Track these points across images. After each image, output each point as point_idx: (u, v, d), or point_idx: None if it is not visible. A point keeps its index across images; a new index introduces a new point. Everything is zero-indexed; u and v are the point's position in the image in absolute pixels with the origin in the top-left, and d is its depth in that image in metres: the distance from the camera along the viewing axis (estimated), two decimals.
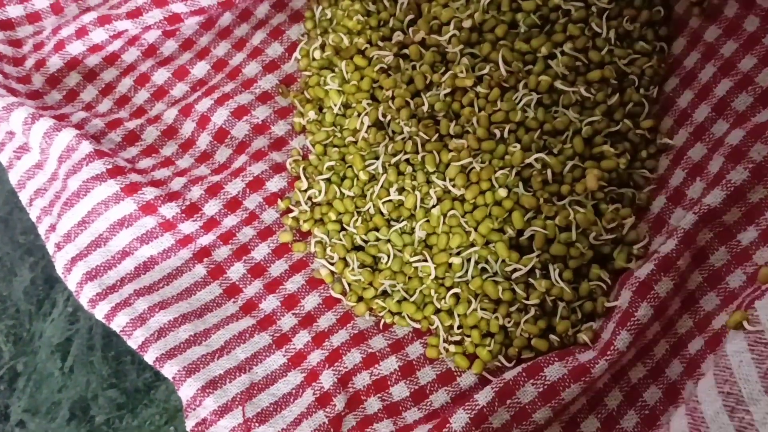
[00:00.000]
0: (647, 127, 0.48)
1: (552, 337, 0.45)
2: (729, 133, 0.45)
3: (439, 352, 0.46)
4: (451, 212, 0.46)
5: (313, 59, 0.52)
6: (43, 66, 0.54)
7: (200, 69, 0.54)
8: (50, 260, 0.49)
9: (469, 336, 0.46)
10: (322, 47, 0.52)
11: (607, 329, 0.44)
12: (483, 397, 0.41)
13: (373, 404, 0.45)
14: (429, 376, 0.46)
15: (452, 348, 0.46)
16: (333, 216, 0.48)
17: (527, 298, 0.45)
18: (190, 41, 0.55)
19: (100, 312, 0.46)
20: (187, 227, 0.48)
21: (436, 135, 0.47)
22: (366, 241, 0.48)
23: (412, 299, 0.47)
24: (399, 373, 0.46)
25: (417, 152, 0.47)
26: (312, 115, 0.51)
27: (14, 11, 0.56)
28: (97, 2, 0.56)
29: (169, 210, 0.48)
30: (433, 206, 0.46)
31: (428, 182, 0.47)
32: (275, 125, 0.52)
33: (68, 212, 0.48)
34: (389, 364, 0.46)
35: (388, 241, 0.47)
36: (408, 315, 0.47)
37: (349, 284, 0.48)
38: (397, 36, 0.50)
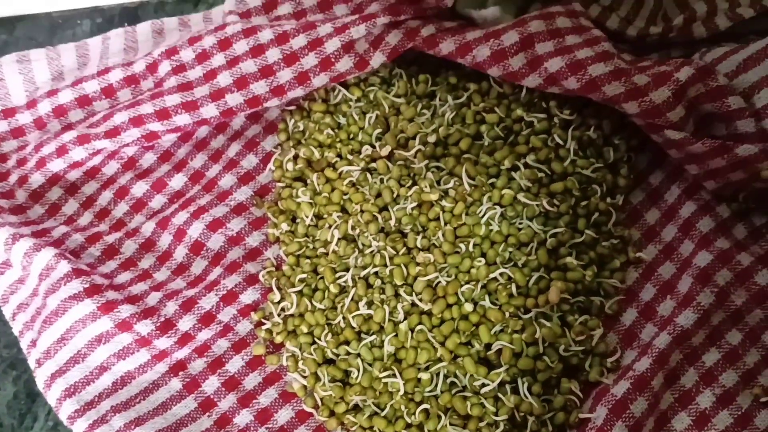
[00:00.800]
0: (615, 229, 0.49)
1: None
2: (696, 254, 0.46)
3: None
4: (419, 327, 0.47)
5: (286, 170, 0.54)
6: (26, 182, 0.56)
7: (177, 181, 0.56)
8: (32, 374, 0.50)
9: None
10: (295, 159, 0.54)
11: None
12: None
13: None
14: None
15: None
16: (305, 328, 0.50)
17: (497, 413, 0.46)
18: (168, 153, 0.57)
19: (78, 429, 0.48)
20: (162, 343, 0.50)
21: (404, 248, 0.48)
22: (337, 355, 0.49)
23: (383, 414, 0.47)
24: None
25: (385, 265, 0.48)
26: (285, 226, 0.52)
27: None
28: (78, 119, 0.58)
29: (144, 327, 0.49)
30: (401, 321, 0.47)
31: (396, 296, 0.48)
32: (249, 236, 0.53)
33: (48, 330, 0.50)
34: None
35: (358, 355, 0.48)
36: (379, 429, 0.47)
37: (321, 398, 0.49)
38: (366, 150, 0.52)
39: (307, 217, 0.52)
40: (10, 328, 0.53)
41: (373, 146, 0.52)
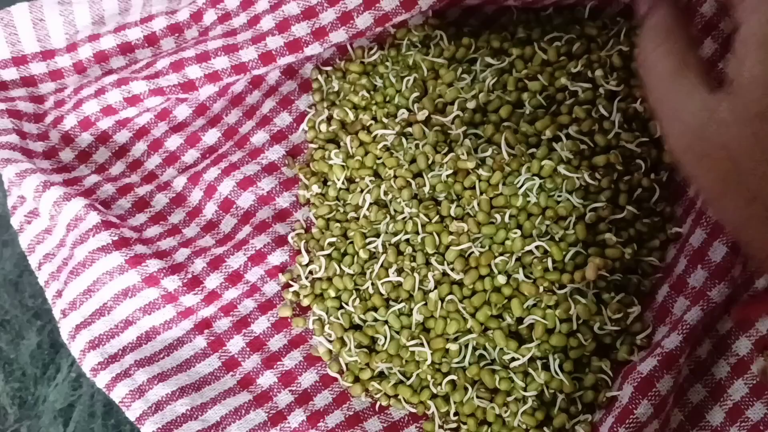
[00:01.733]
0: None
1: (547, 430, 0.45)
2: None
3: None
4: (449, 297, 0.47)
5: (320, 132, 0.53)
6: (60, 123, 0.56)
7: (211, 136, 0.56)
8: (56, 325, 0.50)
9: (465, 423, 0.46)
10: (329, 120, 0.53)
11: (605, 423, 0.44)
12: None
13: None
14: None
15: None
16: (332, 293, 0.49)
17: (525, 389, 0.45)
18: (204, 107, 0.57)
19: (101, 381, 0.48)
20: (189, 300, 0.50)
21: (437, 216, 0.48)
22: (364, 321, 0.48)
23: (408, 383, 0.47)
24: None
25: (417, 233, 0.48)
26: (316, 188, 0.52)
27: (37, 68, 0.58)
28: (120, 65, 0.58)
29: (171, 283, 0.49)
30: (431, 290, 0.47)
31: (427, 264, 0.47)
32: (280, 197, 0.53)
33: (74, 281, 0.50)
34: None
35: (386, 322, 0.47)
36: (404, 398, 0.47)
37: (346, 364, 0.48)
38: (402, 114, 0.51)
39: (338, 180, 0.51)
40: (35, 277, 0.53)
41: (410, 110, 0.51)
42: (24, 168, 0.52)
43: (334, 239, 0.50)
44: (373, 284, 0.48)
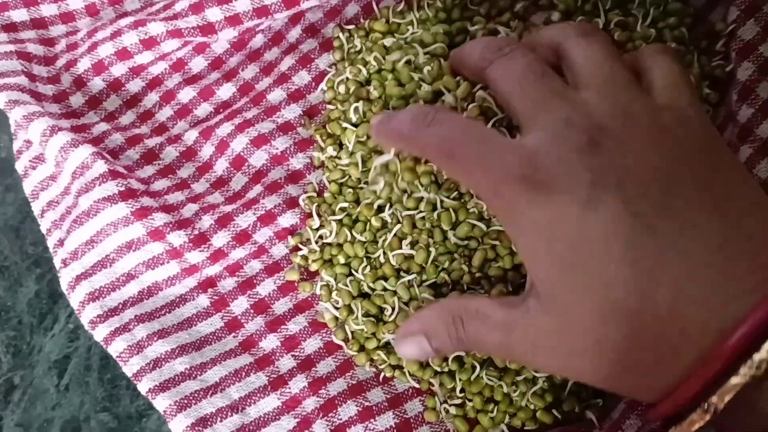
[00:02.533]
0: None
1: (556, 412, 0.44)
2: None
3: (438, 415, 0.46)
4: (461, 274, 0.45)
5: (338, 93, 0.52)
6: (74, 66, 0.55)
7: (226, 91, 0.54)
8: (56, 274, 0.49)
9: (471, 401, 0.45)
10: (348, 80, 0.52)
11: (617, 408, 0.43)
12: None
13: None
14: None
15: (453, 410, 0.46)
16: (342, 259, 0.48)
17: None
18: (220, 60, 0.55)
19: (99, 334, 0.48)
20: (194, 257, 0.49)
21: (456, 193, 0.46)
22: (373, 290, 0.47)
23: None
24: (395, 430, 0.46)
25: (433, 209, 0.46)
26: (331, 151, 0.51)
27: (48, 10, 0.57)
28: (134, 8, 0.56)
29: (177, 238, 0.48)
30: (445, 267, 0.46)
31: (444, 240, 0.46)
32: (294, 157, 0.52)
33: (77, 230, 0.49)
34: (385, 420, 0.46)
35: (395, 293, 0.46)
36: (410, 372, 0.46)
37: (352, 332, 0.47)
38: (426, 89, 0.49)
39: (350, 143, 0.50)
40: (38, 224, 0.52)
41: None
42: (32, 111, 0.51)
43: (346, 204, 0.49)
44: (384, 253, 0.47)
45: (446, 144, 0.37)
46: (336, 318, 0.48)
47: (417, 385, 0.47)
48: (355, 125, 0.50)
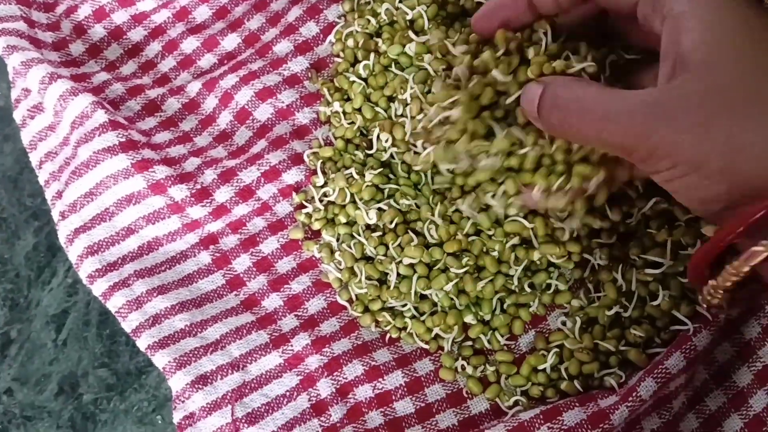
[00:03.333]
0: None
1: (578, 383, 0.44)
2: None
3: (455, 373, 0.45)
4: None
5: (347, 45, 0.50)
6: (74, 12, 0.54)
7: (231, 41, 0.53)
8: (55, 227, 0.48)
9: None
10: (358, 33, 0.50)
11: (634, 375, 0.43)
12: None
13: (374, 418, 0.45)
14: (438, 395, 0.46)
15: (469, 369, 0.45)
16: (343, 219, 0.47)
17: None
18: (225, 9, 0.54)
19: (97, 289, 0.47)
20: (196, 212, 0.48)
21: None
22: (376, 254, 0.46)
23: (422, 318, 0.45)
24: (405, 389, 0.46)
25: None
26: (337, 106, 0.49)
27: None
28: None
29: (178, 192, 0.48)
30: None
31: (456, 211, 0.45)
32: (300, 112, 0.51)
33: (76, 182, 0.48)
34: (394, 379, 0.46)
35: (394, 259, 0.45)
36: (416, 333, 0.45)
37: (356, 294, 0.47)
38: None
39: (356, 98, 0.49)
40: (36, 175, 0.51)
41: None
42: (30, 57, 0.50)
43: (351, 164, 0.48)
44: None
45: None
46: (340, 279, 0.47)
47: (426, 346, 0.46)
48: (364, 79, 0.49)
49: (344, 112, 0.49)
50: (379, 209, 0.46)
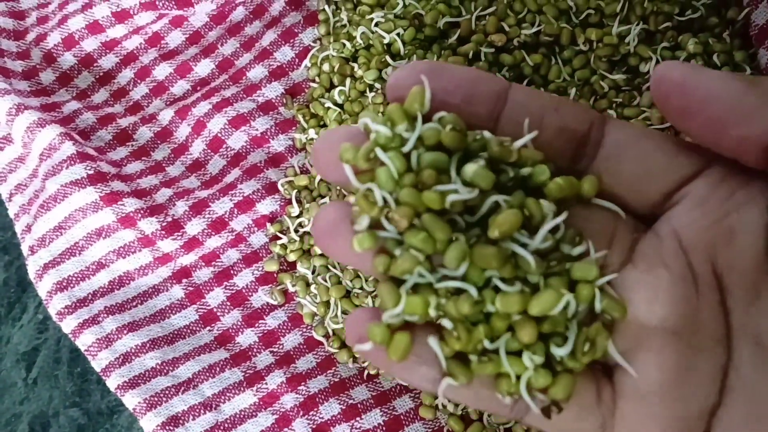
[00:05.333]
0: None
1: None
2: None
3: (435, 412, 0.44)
4: None
5: (322, 70, 0.49)
6: (44, 40, 0.53)
7: (204, 67, 0.53)
8: (25, 261, 0.48)
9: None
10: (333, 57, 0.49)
11: None
12: None
13: None
14: None
15: (450, 407, 0.44)
16: (320, 250, 0.46)
17: None
18: (198, 34, 0.54)
19: (67, 326, 0.46)
20: (167, 245, 0.47)
21: None
22: (352, 287, 0.45)
23: None
24: (383, 428, 0.44)
25: None
26: (313, 132, 0.48)
27: None
28: None
29: (148, 225, 0.47)
30: None
31: None
32: (275, 139, 0.50)
33: (44, 215, 0.48)
34: (372, 418, 0.45)
35: (377, 295, 0.44)
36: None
37: (332, 329, 0.46)
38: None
39: (331, 125, 0.48)
40: (6, 209, 0.50)
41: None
42: None
43: (328, 191, 0.47)
44: None
45: None
46: (314, 313, 0.46)
47: (406, 383, 0.45)
48: (340, 105, 0.48)
49: None
50: None
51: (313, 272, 0.47)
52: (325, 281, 0.46)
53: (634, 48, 0.45)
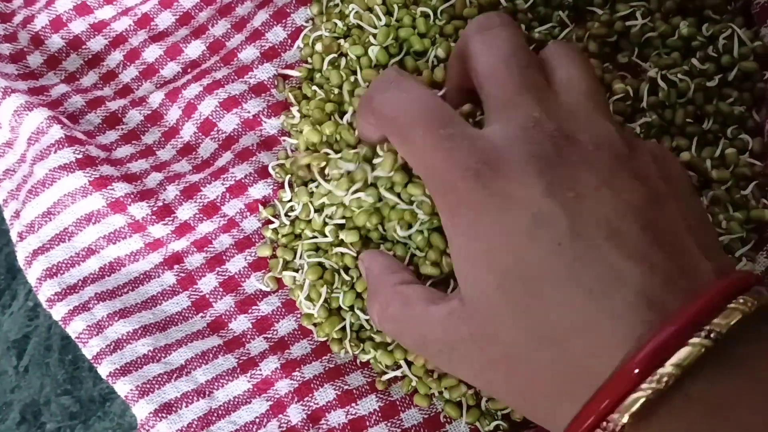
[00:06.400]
0: None
1: None
2: None
3: (431, 400, 0.44)
4: None
5: (315, 50, 0.49)
6: (31, 22, 0.53)
7: (195, 49, 0.52)
8: (14, 248, 0.47)
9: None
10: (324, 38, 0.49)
11: None
12: None
13: None
14: (414, 419, 0.44)
15: (446, 394, 0.43)
16: (309, 233, 0.45)
17: None
18: (188, 15, 0.53)
19: (57, 313, 0.46)
20: (158, 231, 0.47)
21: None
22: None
23: (389, 348, 0.43)
24: (379, 414, 0.44)
25: None
26: (296, 112, 0.48)
27: None
28: None
29: (139, 210, 0.47)
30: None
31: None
32: (267, 122, 0.49)
33: (33, 200, 0.48)
34: (368, 404, 0.44)
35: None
36: (385, 364, 0.44)
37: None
38: None
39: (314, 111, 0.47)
40: None
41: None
42: None
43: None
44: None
45: (399, 118, 0.36)
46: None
47: (395, 374, 0.44)
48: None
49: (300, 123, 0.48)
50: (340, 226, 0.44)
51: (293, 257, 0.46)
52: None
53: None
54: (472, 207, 0.33)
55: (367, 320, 0.44)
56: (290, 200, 0.47)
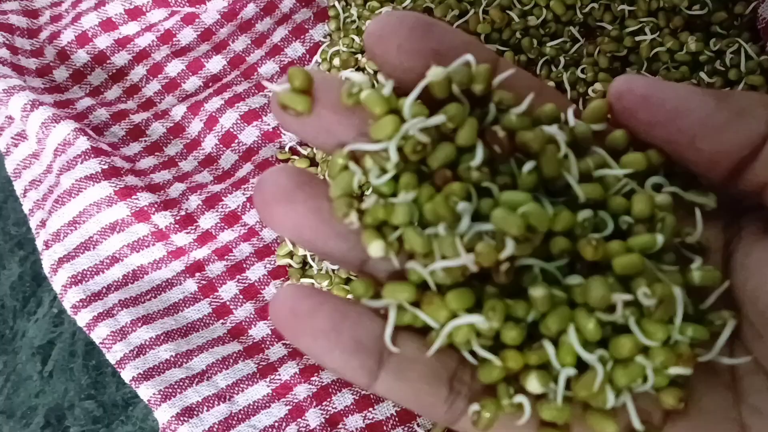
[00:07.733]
0: None
1: None
2: None
3: None
4: None
5: (333, 65, 0.51)
6: (57, 38, 0.55)
7: (216, 63, 0.54)
8: (39, 256, 0.49)
9: None
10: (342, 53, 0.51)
11: None
12: None
13: None
14: (430, 424, 0.45)
15: None
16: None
17: None
18: (209, 31, 0.55)
19: (81, 320, 0.47)
20: (180, 239, 0.48)
21: None
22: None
23: None
24: (396, 419, 0.45)
25: None
26: None
27: None
28: None
29: (162, 219, 0.48)
30: None
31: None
32: (287, 134, 0.51)
33: (59, 210, 0.49)
34: (385, 408, 0.46)
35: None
36: None
37: None
38: None
39: None
40: (20, 204, 0.52)
41: None
42: (12, 84, 0.51)
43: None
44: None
45: None
46: None
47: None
48: None
49: None
50: None
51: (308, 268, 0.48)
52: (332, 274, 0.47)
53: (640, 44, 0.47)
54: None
55: None
56: None
